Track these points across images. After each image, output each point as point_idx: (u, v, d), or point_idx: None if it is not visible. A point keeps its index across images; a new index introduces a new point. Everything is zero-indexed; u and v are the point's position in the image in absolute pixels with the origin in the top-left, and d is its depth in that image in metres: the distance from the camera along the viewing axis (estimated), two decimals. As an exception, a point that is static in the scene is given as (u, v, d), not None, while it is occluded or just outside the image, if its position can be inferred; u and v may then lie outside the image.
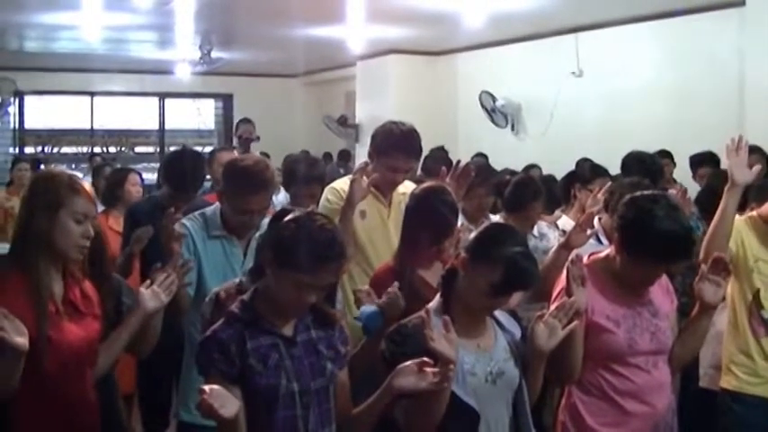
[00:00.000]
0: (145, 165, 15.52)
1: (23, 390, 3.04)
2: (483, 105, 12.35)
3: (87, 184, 3.30)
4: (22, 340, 2.85)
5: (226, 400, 2.60)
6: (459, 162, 4.88)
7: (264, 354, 2.87)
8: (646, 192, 3.68)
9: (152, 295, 3.41)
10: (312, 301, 2.90)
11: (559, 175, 7.14)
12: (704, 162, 7.50)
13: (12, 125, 16.58)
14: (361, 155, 12.95)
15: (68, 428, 3.21)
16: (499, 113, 12.30)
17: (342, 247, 2.88)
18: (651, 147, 7.20)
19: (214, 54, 13.05)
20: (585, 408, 3.59)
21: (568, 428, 3.63)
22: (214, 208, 4.29)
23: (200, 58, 13.06)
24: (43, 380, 3.09)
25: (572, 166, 7.36)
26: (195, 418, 4.09)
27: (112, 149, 17.48)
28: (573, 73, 11.12)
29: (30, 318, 3.01)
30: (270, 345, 2.89)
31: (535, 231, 5.60)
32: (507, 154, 10.54)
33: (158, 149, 17.85)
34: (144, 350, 3.69)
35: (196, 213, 4.30)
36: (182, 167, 5.47)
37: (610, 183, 5.24)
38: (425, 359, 2.82)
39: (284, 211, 3.05)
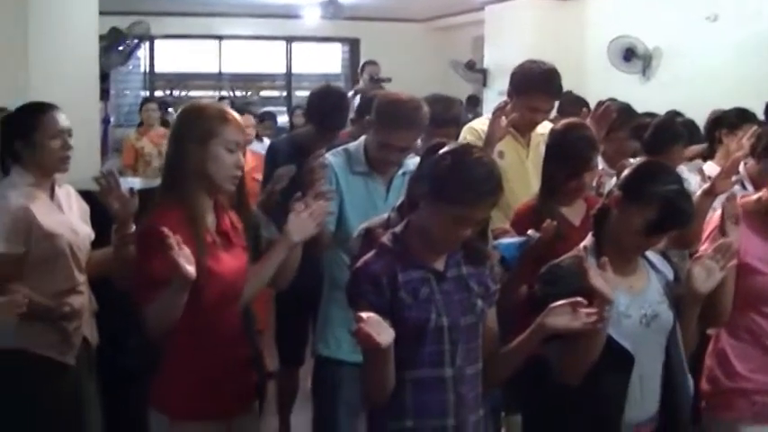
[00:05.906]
0: (271, 108, 15.62)
1: (182, 322, 3.08)
2: (613, 51, 12.11)
3: (236, 114, 3.30)
4: (191, 268, 2.90)
5: (382, 329, 2.58)
6: (600, 103, 4.81)
7: (415, 287, 2.83)
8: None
9: (299, 225, 3.34)
10: (466, 236, 2.85)
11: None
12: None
13: (142, 68, 16.86)
14: (490, 99, 12.84)
15: (221, 361, 3.23)
16: (629, 59, 12.05)
17: (498, 180, 2.81)
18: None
19: (342, -2, 13.02)
20: (734, 353, 3.52)
21: (716, 374, 3.57)
22: (357, 144, 4.26)
23: (329, 2, 13.04)
24: (200, 311, 3.11)
25: (705, 114, 7.12)
26: (333, 352, 4.18)
27: (239, 93, 17.63)
28: (707, 18, 10.78)
29: (189, 250, 3.04)
30: (421, 278, 2.85)
31: (676, 175, 5.43)
32: (637, 101, 10.28)
33: (285, 93, 17.96)
34: (281, 284, 3.63)
35: (339, 149, 4.29)
36: (327, 105, 5.41)
37: (756, 128, 5.07)
38: (579, 299, 2.77)
39: (439, 144, 2.99)
